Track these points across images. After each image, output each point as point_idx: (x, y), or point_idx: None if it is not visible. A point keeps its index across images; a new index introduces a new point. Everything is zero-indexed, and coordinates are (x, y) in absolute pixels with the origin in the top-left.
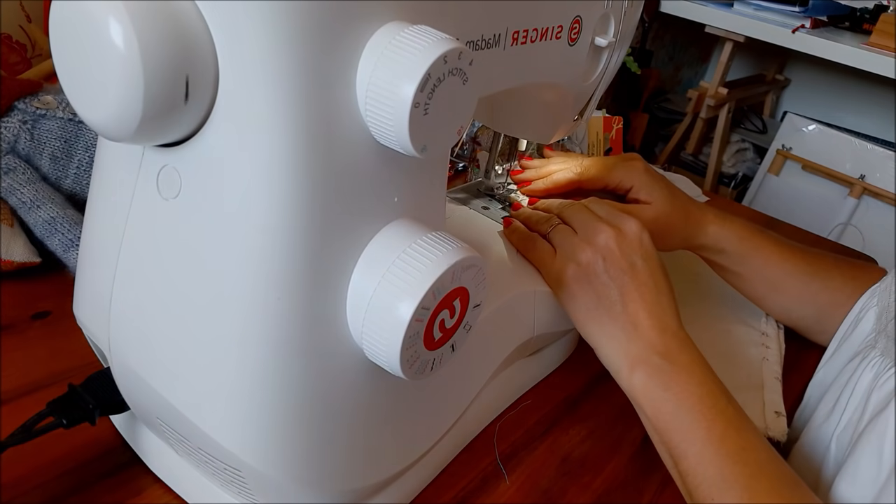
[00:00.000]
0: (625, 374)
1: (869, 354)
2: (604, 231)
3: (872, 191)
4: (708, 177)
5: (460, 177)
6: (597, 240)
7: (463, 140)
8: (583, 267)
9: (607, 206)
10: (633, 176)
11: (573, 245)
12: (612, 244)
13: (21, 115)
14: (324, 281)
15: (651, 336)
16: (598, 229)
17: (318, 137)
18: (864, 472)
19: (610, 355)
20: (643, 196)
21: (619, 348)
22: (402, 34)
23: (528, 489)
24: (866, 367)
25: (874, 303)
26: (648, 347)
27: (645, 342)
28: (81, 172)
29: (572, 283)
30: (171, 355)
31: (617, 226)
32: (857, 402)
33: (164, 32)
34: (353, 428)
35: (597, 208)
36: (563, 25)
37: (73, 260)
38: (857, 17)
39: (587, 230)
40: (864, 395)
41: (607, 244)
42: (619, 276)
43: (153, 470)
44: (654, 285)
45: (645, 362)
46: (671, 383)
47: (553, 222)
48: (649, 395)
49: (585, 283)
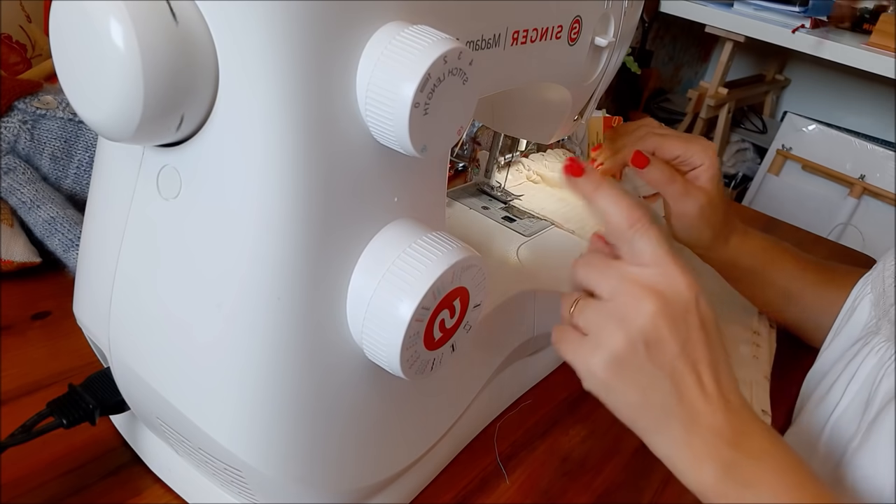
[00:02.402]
0: (690, 473)
1: (871, 340)
2: (644, 303)
3: (872, 191)
4: None
5: (460, 177)
6: (636, 317)
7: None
8: (618, 356)
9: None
10: (708, 156)
11: (601, 324)
12: (655, 322)
13: (21, 115)
14: (324, 281)
15: (715, 423)
16: (636, 300)
17: (317, 137)
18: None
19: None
20: (705, 178)
21: (678, 444)
22: (402, 34)
23: (528, 489)
24: (869, 353)
25: (868, 290)
26: (715, 437)
27: (710, 432)
28: (81, 172)
29: (606, 376)
30: (171, 355)
31: (660, 291)
32: (859, 388)
33: (165, 33)
34: (353, 428)
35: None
36: (563, 25)
37: (73, 260)
38: (858, 18)
39: (621, 302)
40: (867, 381)
41: (648, 323)
42: (668, 361)
43: (153, 470)
44: (711, 360)
45: (714, 457)
46: (751, 478)
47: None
48: (725, 493)
49: (625, 376)
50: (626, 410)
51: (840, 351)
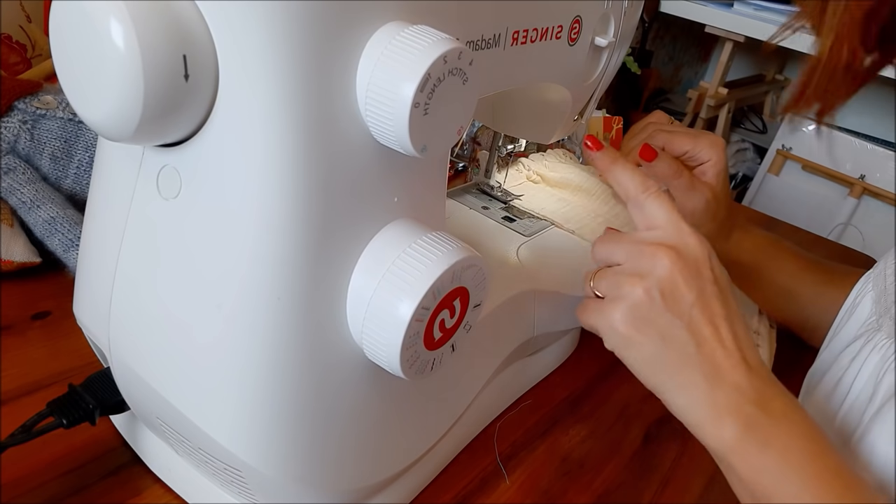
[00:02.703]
0: (710, 428)
1: (874, 337)
2: (657, 256)
3: (872, 191)
4: None
5: (460, 177)
6: (650, 269)
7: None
8: (636, 307)
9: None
10: (716, 152)
11: (619, 282)
12: (670, 272)
13: (21, 115)
14: (324, 281)
15: (737, 379)
16: (650, 254)
17: (317, 137)
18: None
19: (688, 406)
20: (712, 174)
21: (699, 397)
22: (402, 34)
23: (528, 489)
24: (872, 350)
25: (869, 288)
26: (737, 394)
27: (732, 387)
28: (81, 172)
29: (627, 329)
30: (171, 355)
31: (673, 245)
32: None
33: (165, 33)
34: (353, 428)
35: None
36: (563, 25)
37: (73, 260)
38: None
39: (636, 257)
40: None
41: (664, 273)
42: (684, 309)
43: (153, 470)
44: (726, 314)
45: (735, 412)
46: (771, 438)
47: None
48: (745, 452)
49: (643, 326)
50: (646, 365)
51: (841, 348)
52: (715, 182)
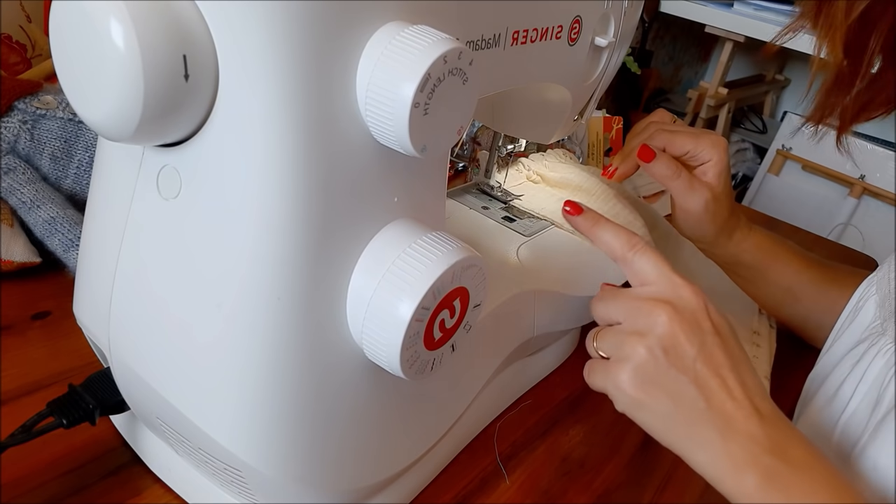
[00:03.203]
0: (731, 482)
1: (878, 341)
2: (654, 312)
3: (872, 191)
4: None
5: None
6: (650, 326)
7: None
8: (641, 367)
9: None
10: (717, 152)
11: (621, 342)
12: (670, 328)
13: (21, 115)
14: (324, 281)
15: (751, 429)
16: (647, 311)
17: (317, 137)
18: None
19: (707, 463)
20: (712, 174)
21: (716, 453)
22: (402, 34)
23: (528, 489)
24: (877, 355)
25: (872, 291)
26: (752, 444)
27: (746, 438)
28: (81, 172)
29: (635, 391)
30: (171, 355)
31: (668, 300)
32: (868, 389)
33: (165, 32)
34: (353, 428)
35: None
36: (563, 25)
37: (73, 260)
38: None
39: (634, 318)
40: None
41: (664, 330)
42: (689, 365)
43: (153, 470)
44: (733, 364)
45: (753, 464)
46: (791, 488)
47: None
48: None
49: (651, 387)
50: (660, 425)
51: (843, 352)
52: (716, 182)
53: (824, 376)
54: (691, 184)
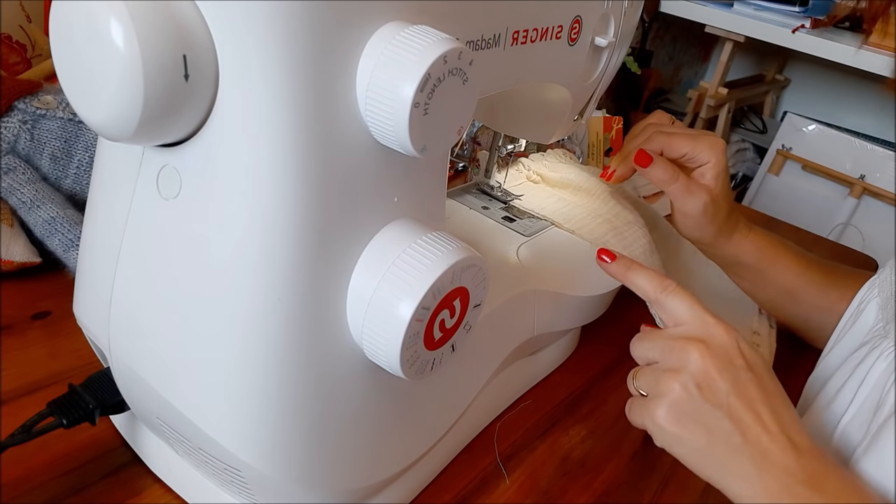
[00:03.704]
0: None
1: (880, 344)
2: (687, 350)
3: (872, 191)
4: None
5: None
6: (685, 364)
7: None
8: (677, 403)
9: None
10: (715, 153)
11: (657, 379)
12: (703, 365)
13: (21, 115)
14: (324, 281)
15: (786, 462)
16: (681, 351)
17: (317, 137)
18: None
19: (744, 496)
20: (710, 176)
21: (752, 486)
22: (402, 34)
23: (528, 489)
24: (878, 357)
25: (874, 294)
26: (788, 477)
27: (781, 471)
28: (81, 172)
29: (672, 426)
30: (172, 355)
31: (701, 338)
32: (869, 393)
33: (165, 32)
34: (353, 428)
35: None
36: (563, 25)
37: (73, 260)
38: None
39: (669, 356)
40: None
41: (697, 367)
42: (723, 400)
43: (153, 470)
44: (767, 398)
45: (789, 495)
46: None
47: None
48: None
49: (687, 422)
50: (698, 459)
51: (845, 354)
52: (713, 184)
53: (825, 379)
54: (689, 187)
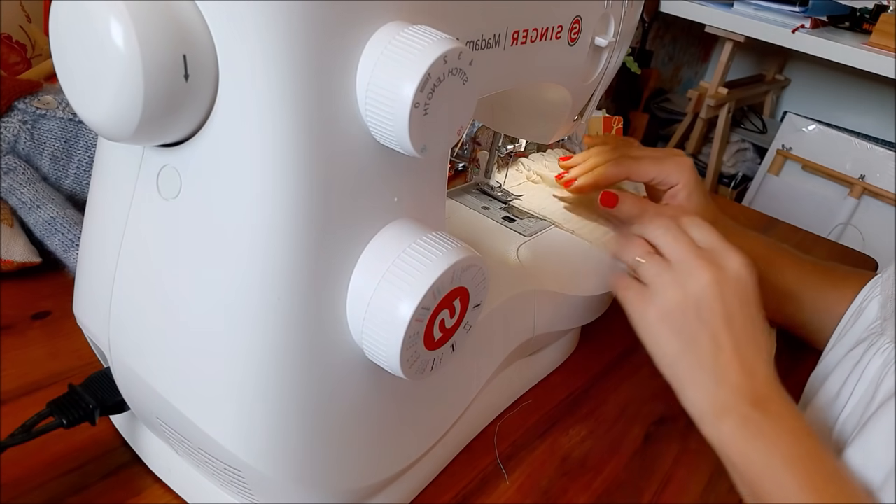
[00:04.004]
0: (710, 422)
1: (878, 341)
2: (703, 273)
3: (872, 191)
4: (708, 177)
5: (460, 177)
6: (694, 283)
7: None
8: (674, 312)
9: (708, 234)
10: (683, 173)
11: (665, 285)
12: (710, 289)
13: (21, 115)
14: (324, 281)
15: (741, 383)
16: (697, 269)
17: (317, 137)
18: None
19: (694, 400)
20: (683, 196)
21: (705, 395)
22: (402, 34)
23: (528, 489)
24: (875, 354)
25: (877, 292)
26: (738, 395)
27: (734, 390)
28: (81, 172)
29: (660, 326)
30: (171, 355)
31: (718, 264)
32: (866, 388)
33: (165, 32)
34: (353, 428)
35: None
36: (563, 25)
37: (73, 260)
38: (857, 17)
39: (684, 267)
40: (873, 381)
41: (704, 289)
42: (714, 322)
43: (153, 470)
44: (751, 332)
45: (734, 411)
46: (762, 433)
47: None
48: (739, 445)
49: (675, 328)
50: (667, 359)
51: (845, 352)
52: (687, 203)
53: (825, 376)
54: (661, 212)
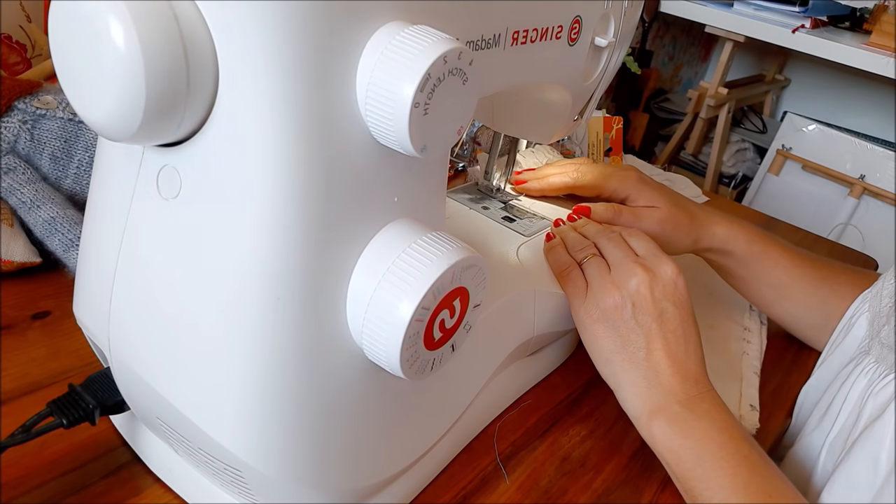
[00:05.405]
0: (644, 422)
1: (863, 361)
2: (637, 274)
3: (872, 191)
4: (708, 177)
5: (460, 177)
6: (629, 283)
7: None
8: (610, 310)
9: (646, 243)
10: (627, 186)
11: (604, 286)
12: (643, 290)
13: (21, 115)
14: (324, 281)
15: (672, 384)
16: (632, 271)
17: (317, 137)
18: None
19: (629, 401)
20: (642, 202)
21: (638, 395)
22: (402, 34)
23: (528, 489)
24: (860, 374)
25: (865, 308)
26: (669, 395)
27: (665, 390)
28: (81, 172)
29: (597, 324)
30: (171, 355)
31: (652, 269)
32: (851, 409)
33: (165, 33)
34: (353, 428)
35: (636, 243)
36: (563, 25)
37: (73, 260)
38: (857, 17)
39: (621, 270)
40: (857, 402)
41: (639, 289)
42: (646, 322)
43: (153, 470)
44: (682, 333)
45: (665, 410)
46: (691, 431)
47: (589, 251)
48: (669, 443)
49: (610, 327)
50: (602, 355)
51: (835, 369)
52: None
53: (817, 392)
54: (636, 214)
